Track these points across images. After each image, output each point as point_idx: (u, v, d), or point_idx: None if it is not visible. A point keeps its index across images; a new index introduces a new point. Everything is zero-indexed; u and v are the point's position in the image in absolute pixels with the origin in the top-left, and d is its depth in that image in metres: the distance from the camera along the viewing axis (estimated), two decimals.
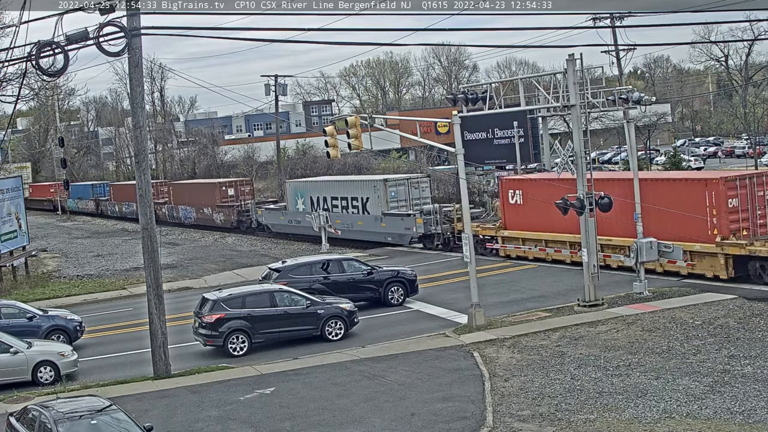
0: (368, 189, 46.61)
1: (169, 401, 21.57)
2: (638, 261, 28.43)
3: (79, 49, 22.51)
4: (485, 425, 18.01)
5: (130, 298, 38.19)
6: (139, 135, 24.25)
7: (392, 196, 45.30)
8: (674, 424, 17.19)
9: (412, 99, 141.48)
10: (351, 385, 21.63)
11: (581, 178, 27.81)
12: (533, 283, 33.30)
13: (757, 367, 20.34)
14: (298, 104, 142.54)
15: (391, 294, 31.47)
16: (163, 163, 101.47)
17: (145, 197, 24.13)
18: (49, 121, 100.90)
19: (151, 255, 24.07)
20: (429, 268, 38.33)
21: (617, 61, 61.90)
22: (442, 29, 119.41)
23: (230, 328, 26.24)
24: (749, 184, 30.20)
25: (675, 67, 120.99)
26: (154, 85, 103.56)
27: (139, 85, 23.83)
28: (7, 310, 28.77)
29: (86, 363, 26.66)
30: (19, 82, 42.22)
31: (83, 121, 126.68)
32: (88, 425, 16.21)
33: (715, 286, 29.14)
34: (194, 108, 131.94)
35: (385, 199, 44.99)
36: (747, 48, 79.27)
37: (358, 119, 28.61)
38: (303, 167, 77.92)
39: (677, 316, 25.34)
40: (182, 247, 54.56)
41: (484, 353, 23.59)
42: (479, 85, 38.85)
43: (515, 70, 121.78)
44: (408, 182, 45.94)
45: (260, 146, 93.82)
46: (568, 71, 27.58)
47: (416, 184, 45.77)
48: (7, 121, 72.70)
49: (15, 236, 44.61)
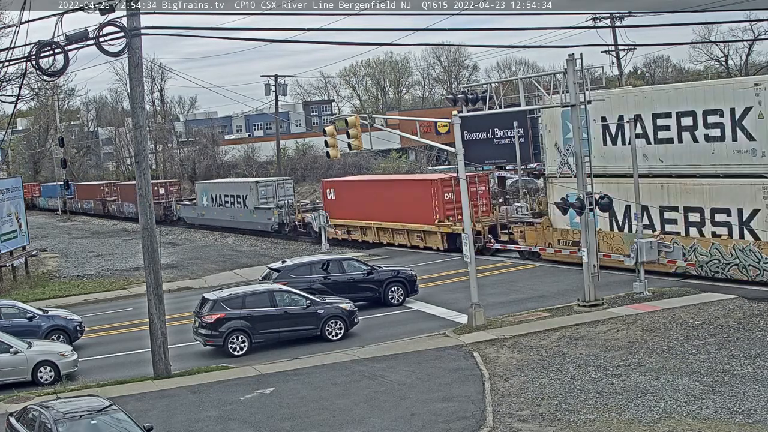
0: (246, 189, 57.16)
1: (169, 401, 21.57)
2: (638, 261, 28.42)
3: (79, 49, 22.59)
4: (485, 425, 18.01)
5: (130, 298, 38.19)
6: (139, 135, 24.26)
7: (262, 195, 55.55)
8: (674, 424, 17.20)
9: (412, 99, 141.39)
10: (351, 385, 21.63)
11: (581, 178, 27.81)
12: (533, 283, 33.30)
13: (757, 367, 20.34)
14: (298, 104, 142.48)
15: (391, 294, 31.47)
16: (163, 163, 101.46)
17: (145, 197, 24.13)
18: (49, 121, 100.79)
19: (151, 255, 24.07)
20: (429, 267, 38.34)
21: (617, 61, 61.93)
22: (442, 29, 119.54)
23: (230, 328, 26.24)
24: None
25: (675, 67, 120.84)
26: (154, 85, 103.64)
27: (139, 85, 23.83)
28: (7, 310, 28.79)
29: (86, 363, 26.67)
30: (19, 82, 42.32)
31: (83, 121, 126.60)
32: (88, 425, 16.22)
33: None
34: (194, 108, 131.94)
35: (257, 197, 55.56)
36: (747, 48, 79.19)
37: (358, 119, 28.61)
38: (303, 167, 78.04)
39: (677, 316, 25.34)
40: (182, 247, 54.58)
41: (484, 353, 23.59)
42: (479, 85, 38.87)
43: (515, 70, 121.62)
44: (275, 183, 56.50)
45: (260, 146, 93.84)
46: (568, 71, 27.57)
47: (282, 185, 56.37)
48: (7, 121, 72.73)
49: (15, 236, 44.63)
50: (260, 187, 55.84)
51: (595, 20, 59.49)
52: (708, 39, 79.39)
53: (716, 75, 78.25)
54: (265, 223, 55.04)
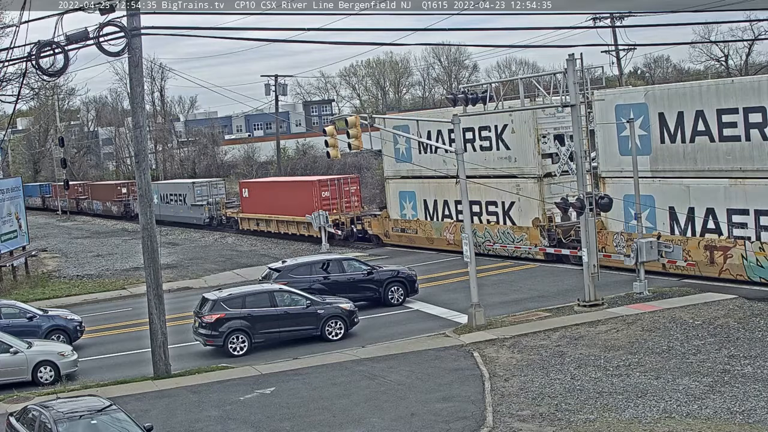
0: (186, 189, 65.87)
1: (169, 401, 21.57)
2: (638, 261, 28.42)
3: (79, 49, 22.59)
4: (485, 425, 18.01)
5: (130, 298, 38.19)
6: (139, 135, 24.26)
7: (198, 193, 64.10)
8: (674, 424, 17.19)
9: (412, 99, 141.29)
10: (351, 385, 21.63)
11: (581, 178, 27.80)
12: (533, 283, 33.30)
13: (757, 367, 20.34)
14: (298, 104, 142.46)
15: (391, 294, 31.46)
16: (163, 163, 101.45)
17: (145, 197, 24.15)
18: (49, 121, 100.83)
19: (151, 255, 24.07)
20: (429, 267, 38.35)
21: (617, 61, 61.91)
22: (442, 29, 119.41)
23: (230, 328, 26.24)
24: (337, 183, 50.75)
25: (675, 67, 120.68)
26: (154, 85, 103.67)
27: (139, 85, 23.83)
28: (7, 310, 28.78)
29: (86, 363, 26.67)
30: (19, 82, 42.35)
31: (83, 121, 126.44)
32: (88, 425, 16.22)
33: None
34: (194, 108, 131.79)
35: (194, 195, 64.09)
36: (747, 48, 79.07)
37: (358, 119, 28.61)
38: (303, 167, 77.96)
39: (677, 316, 25.33)
40: (182, 247, 54.56)
41: (484, 353, 23.59)
42: (479, 85, 38.88)
43: (515, 70, 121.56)
44: (209, 184, 65.76)
45: (260, 146, 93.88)
46: (568, 71, 27.57)
47: (215, 185, 65.63)
48: (7, 121, 72.72)
49: (15, 236, 44.61)
50: (196, 187, 64.81)
51: (595, 20, 59.48)
52: (708, 39, 79.33)
53: (716, 75, 78.14)
54: (198, 217, 63.59)
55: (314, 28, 62.82)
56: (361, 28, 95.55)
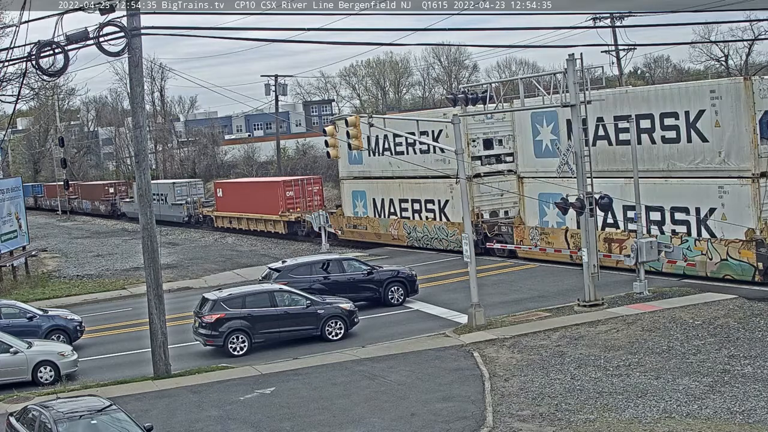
0: (167, 188, 69.14)
1: (169, 401, 21.57)
2: (638, 261, 28.43)
3: (79, 49, 22.58)
4: (485, 425, 18.01)
5: (130, 298, 38.18)
6: (139, 135, 24.25)
7: (178, 193, 67.80)
8: (674, 424, 17.20)
9: (412, 99, 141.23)
10: (351, 385, 21.63)
11: (581, 178, 27.80)
12: (533, 283, 33.31)
13: (757, 367, 20.34)
14: (298, 104, 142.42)
15: (391, 294, 31.46)
16: (163, 163, 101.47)
17: (145, 197, 24.13)
18: (49, 121, 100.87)
19: (151, 255, 24.07)
20: (429, 267, 38.35)
21: (617, 61, 61.96)
22: (442, 29, 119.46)
23: (230, 328, 26.24)
24: (301, 183, 55.01)
25: (675, 67, 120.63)
26: (154, 85, 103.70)
27: (139, 85, 23.82)
28: (7, 310, 28.77)
29: (86, 363, 26.66)
30: (19, 82, 42.36)
31: (83, 121, 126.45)
32: (88, 425, 16.22)
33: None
34: (194, 108, 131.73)
35: (174, 195, 67.71)
36: (747, 48, 79.05)
37: (358, 119, 28.61)
38: (303, 167, 78.02)
39: (677, 316, 25.34)
40: (182, 247, 54.58)
41: (484, 353, 23.59)
42: (479, 85, 38.93)
43: (515, 70, 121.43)
44: (189, 184, 69.70)
45: (260, 146, 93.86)
46: (568, 71, 27.56)
47: (194, 186, 69.68)
48: (7, 121, 72.71)
49: (15, 236, 44.62)
50: (176, 187, 68.66)
51: (595, 20, 59.52)
52: (708, 39, 79.34)
53: (716, 75, 78.17)
54: (178, 215, 67.05)
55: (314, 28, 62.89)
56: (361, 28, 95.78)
